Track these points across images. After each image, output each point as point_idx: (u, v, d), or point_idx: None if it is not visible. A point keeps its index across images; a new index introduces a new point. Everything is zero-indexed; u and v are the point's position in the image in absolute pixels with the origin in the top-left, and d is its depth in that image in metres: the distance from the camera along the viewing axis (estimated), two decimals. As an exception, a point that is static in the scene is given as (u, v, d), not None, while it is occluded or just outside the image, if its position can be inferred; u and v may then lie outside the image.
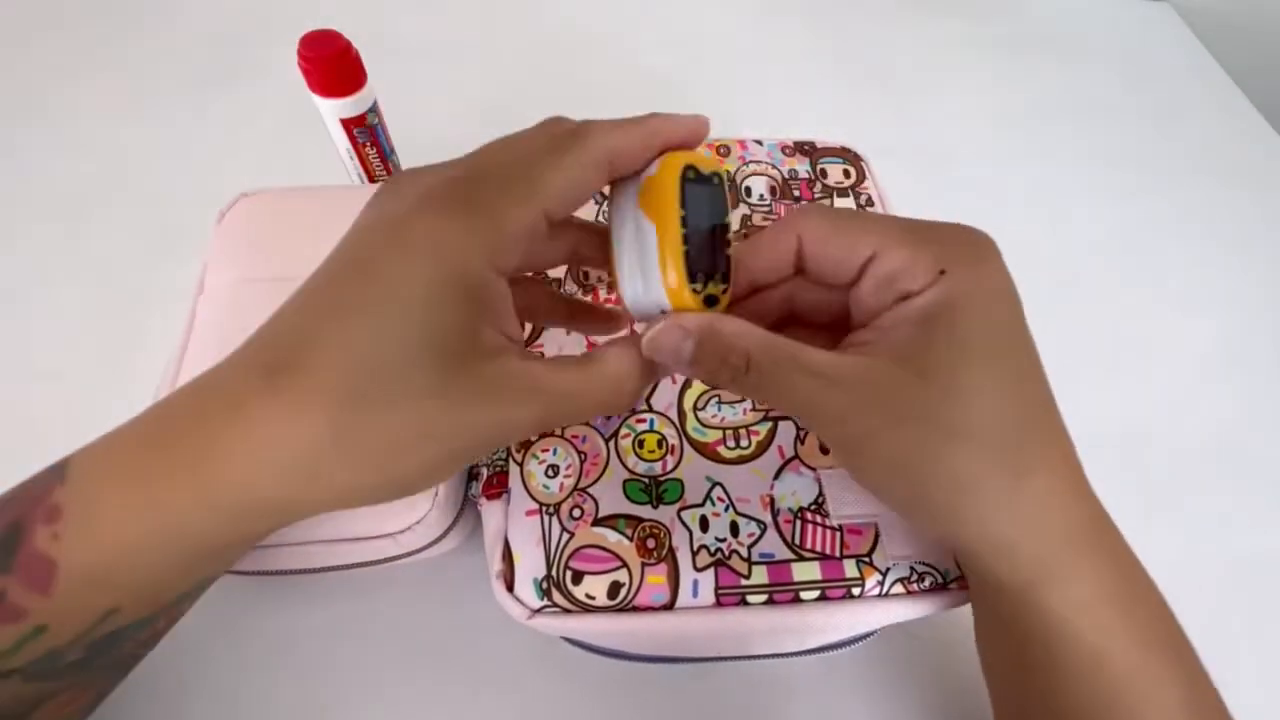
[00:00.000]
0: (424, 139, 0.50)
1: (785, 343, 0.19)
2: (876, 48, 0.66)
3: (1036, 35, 0.70)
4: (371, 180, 0.43)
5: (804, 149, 0.38)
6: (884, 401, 0.18)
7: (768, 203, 0.36)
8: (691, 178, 0.18)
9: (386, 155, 0.43)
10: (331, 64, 0.36)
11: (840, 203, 0.36)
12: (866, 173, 0.37)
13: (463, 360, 0.17)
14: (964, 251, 0.19)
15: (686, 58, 0.64)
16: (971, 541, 0.20)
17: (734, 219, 0.18)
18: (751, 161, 0.37)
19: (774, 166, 0.37)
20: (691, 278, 0.18)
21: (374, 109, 0.40)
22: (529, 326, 0.31)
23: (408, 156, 0.45)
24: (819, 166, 0.37)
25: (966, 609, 0.26)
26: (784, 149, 0.38)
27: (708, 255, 0.19)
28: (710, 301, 0.19)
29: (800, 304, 0.23)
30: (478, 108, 0.57)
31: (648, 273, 0.19)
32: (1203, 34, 0.71)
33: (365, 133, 0.40)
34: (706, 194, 0.19)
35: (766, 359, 0.19)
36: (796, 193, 0.36)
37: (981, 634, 0.24)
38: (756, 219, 0.35)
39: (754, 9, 0.69)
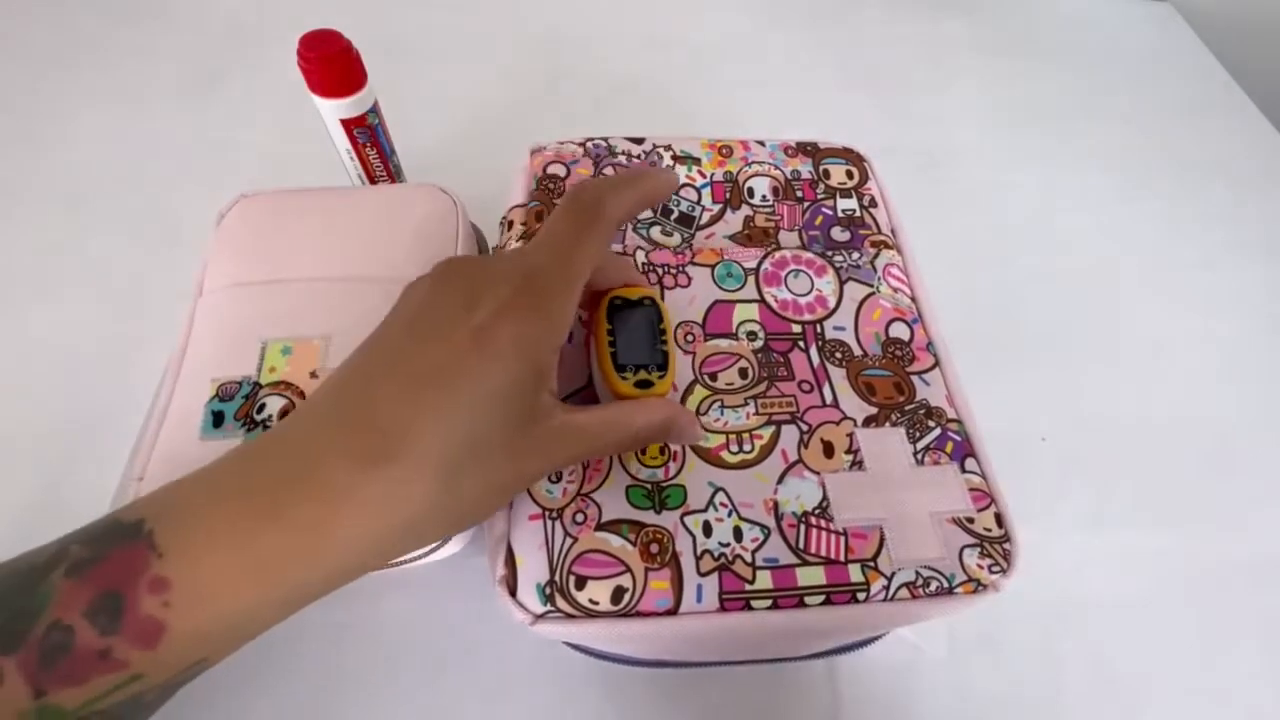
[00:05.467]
0: (424, 139, 0.49)
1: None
2: (877, 48, 0.66)
3: (1038, 35, 0.70)
4: (371, 181, 0.43)
5: (806, 149, 0.38)
6: None
7: (770, 203, 0.35)
8: (618, 304, 0.26)
9: (387, 156, 0.42)
10: (331, 64, 0.36)
11: (843, 204, 0.36)
12: (870, 174, 0.37)
13: (525, 425, 0.21)
14: None
15: (688, 57, 0.63)
16: None
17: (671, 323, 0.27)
18: (754, 162, 0.37)
19: (776, 167, 0.37)
20: (620, 369, 0.24)
21: (374, 109, 0.40)
22: None
23: (408, 157, 0.45)
24: (821, 167, 0.37)
25: (970, 613, 0.26)
26: (786, 150, 0.38)
27: (637, 353, 0.25)
28: (644, 384, 0.25)
29: None
30: (479, 107, 0.57)
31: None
32: (1205, 34, 0.71)
33: (365, 133, 0.40)
34: (631, 313, 0.26)
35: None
36: (799, 193, 0.36)
37: None
38: (759, 220, 0.35)
39: (755, 9, 0.69)
